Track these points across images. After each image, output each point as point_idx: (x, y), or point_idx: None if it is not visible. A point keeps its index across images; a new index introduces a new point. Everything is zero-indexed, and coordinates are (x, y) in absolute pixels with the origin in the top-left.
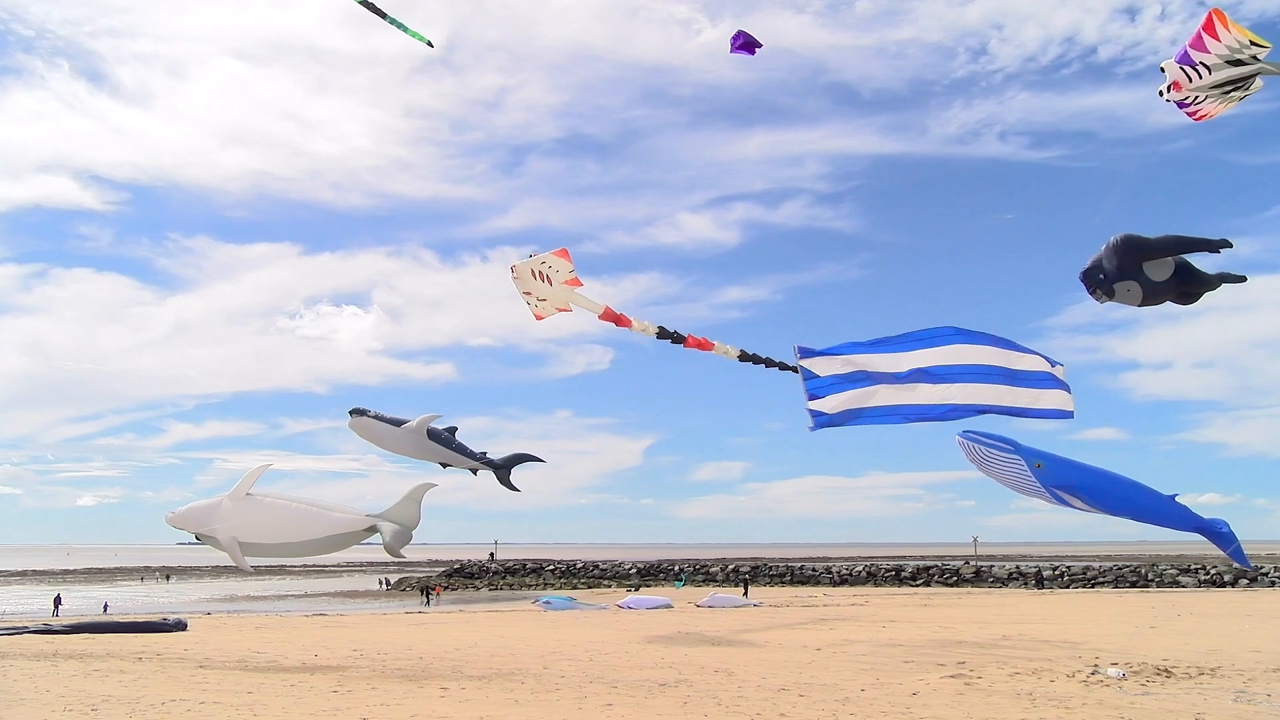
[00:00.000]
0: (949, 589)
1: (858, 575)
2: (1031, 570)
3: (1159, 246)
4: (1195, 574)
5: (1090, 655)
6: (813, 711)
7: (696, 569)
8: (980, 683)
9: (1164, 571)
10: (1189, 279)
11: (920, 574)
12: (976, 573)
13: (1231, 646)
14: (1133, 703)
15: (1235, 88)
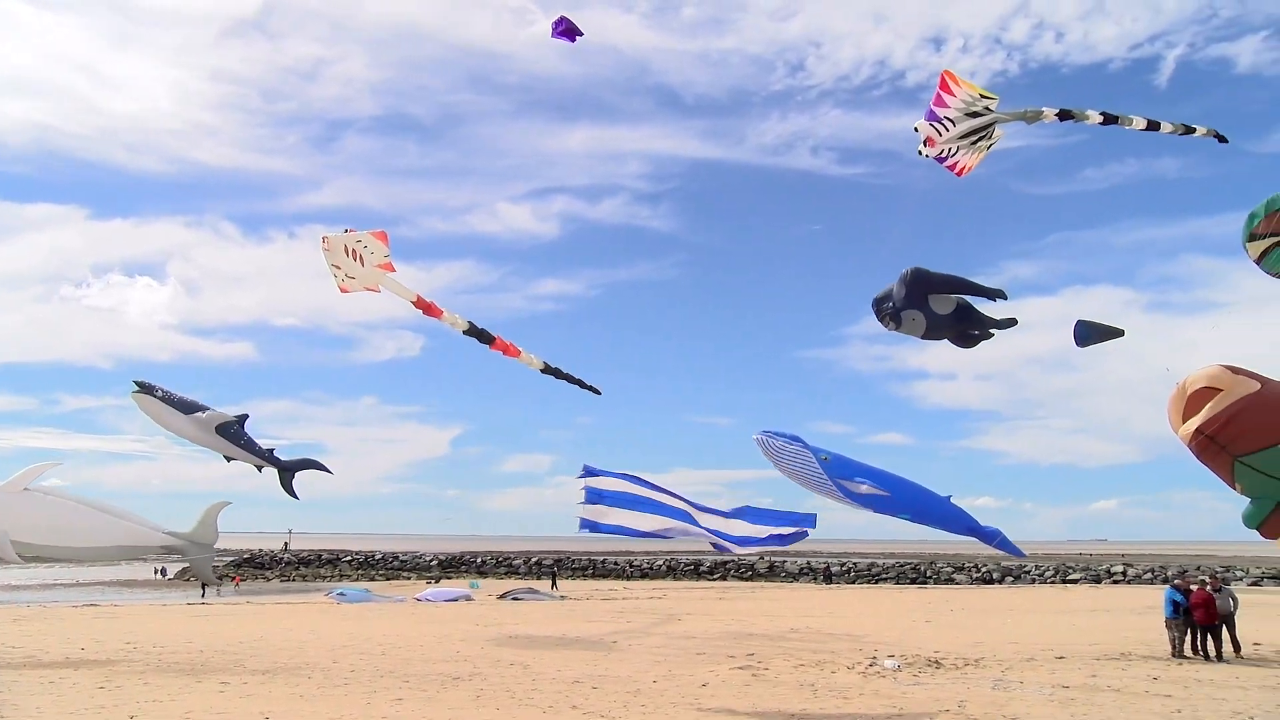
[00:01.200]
0: (744, 583)
1: (658, 569)
2: (821, 566)
3: (944, 283)
4: (968, 572)
5: (870, 648)
6: (604, 703)
7: (499, 561)
8: (767, 674)
9: (941, 569)
10: (968, 319)
11: (718, 568)
12: (770, 568)
13: (994, 639)
14: (905, 693)
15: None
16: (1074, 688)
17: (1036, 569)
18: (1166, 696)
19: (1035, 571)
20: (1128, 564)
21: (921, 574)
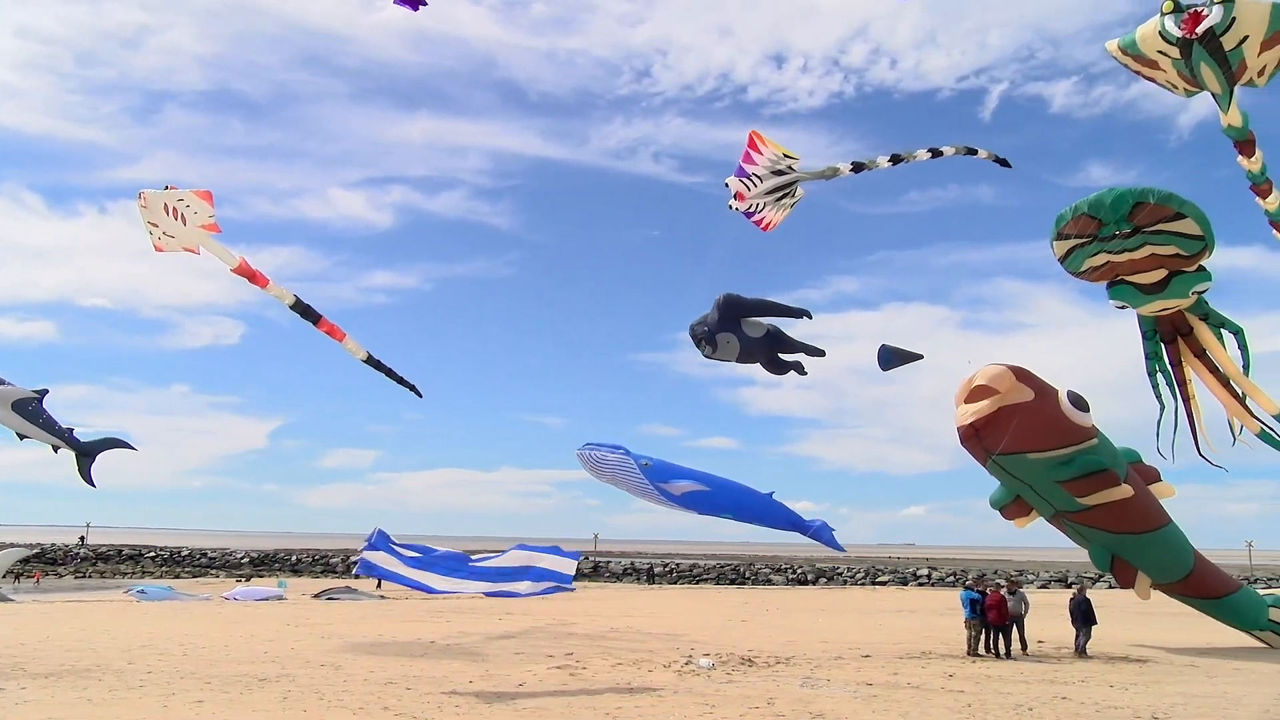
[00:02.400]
0: None
1: None
2: (645, 567)
3: (755, 307)
4: (785, 573)
5: (687, 647)
6: (418, 704)
7: (316, 559)
8: (585, 673)
9: (759, 571)
10: (779, 343)
11: None
12: (595, 567)
13: (806, 638)
14: (718, 690)
15: (784, 195)
16: (877, 685)
17: (849, 571)
18: (960, 692)
19: (847, 573)
20: (932, 567)
21: (741, 575)
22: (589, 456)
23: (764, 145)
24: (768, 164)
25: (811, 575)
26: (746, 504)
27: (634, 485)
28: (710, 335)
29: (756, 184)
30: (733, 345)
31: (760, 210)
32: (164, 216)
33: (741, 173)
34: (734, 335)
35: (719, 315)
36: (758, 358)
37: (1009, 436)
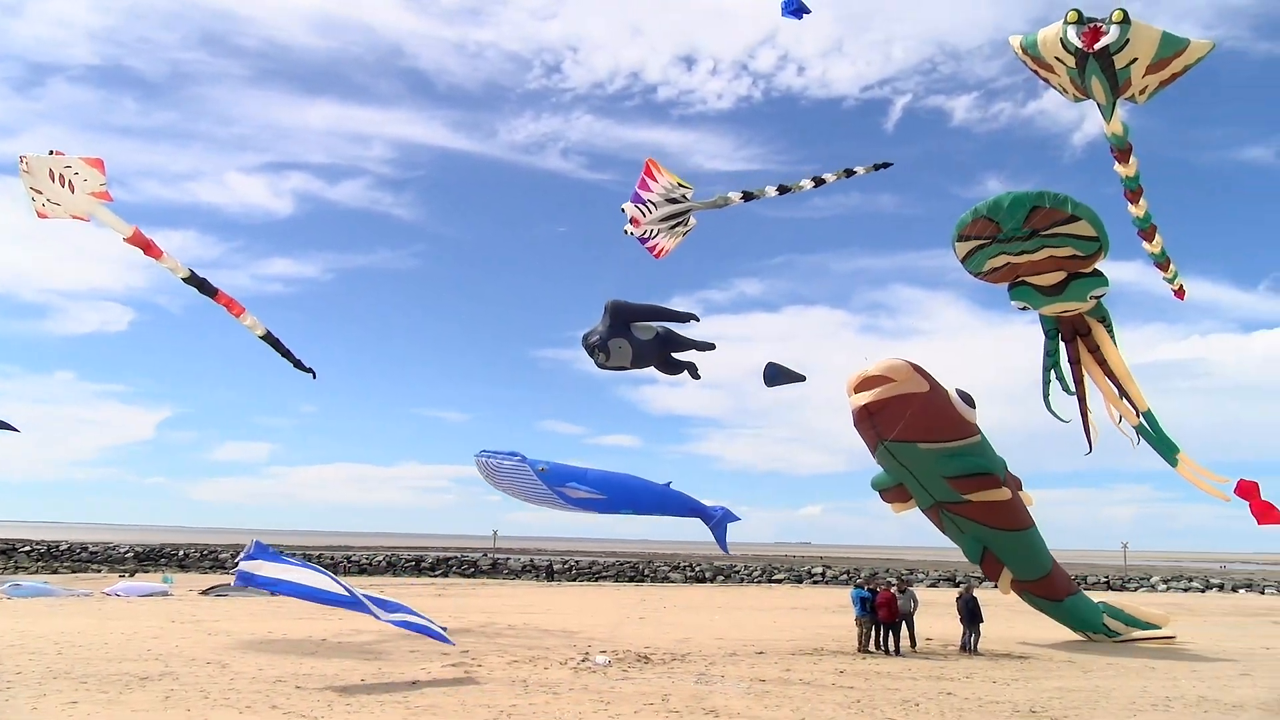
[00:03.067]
0: (466, 580)
1: (378, 565)
2: (544, 564)
3: (643, 312)
4: (683, 570)
5: (584, 644)
6: (307, 703)
7: (205, 554)
8: (480, 671)
9: (658, 568)
10: (670, 344)
11: (440, 564)
12: (494, 564)
13: (701, 635)
14: (613, 687)
15: (678, 223)
16: (769, 681)
17: (746, 569)
18: (850, 688)
19: (744, 571)
20: (826, 565)
21: (640, 572)
22: (485, 464)
23: (659, 173)
24: (662, 192)
25: (709, 573)
26: (646, 497)
27: (531, 492)
28: (602, 342)
29: (652, 210)
30: (625, 350)
31: (654, 237)
32: (49, 183)
33: (637, 199)
34: (626, 340)
35: (609, 322)
36: (651, 360)
37: (903, 424)
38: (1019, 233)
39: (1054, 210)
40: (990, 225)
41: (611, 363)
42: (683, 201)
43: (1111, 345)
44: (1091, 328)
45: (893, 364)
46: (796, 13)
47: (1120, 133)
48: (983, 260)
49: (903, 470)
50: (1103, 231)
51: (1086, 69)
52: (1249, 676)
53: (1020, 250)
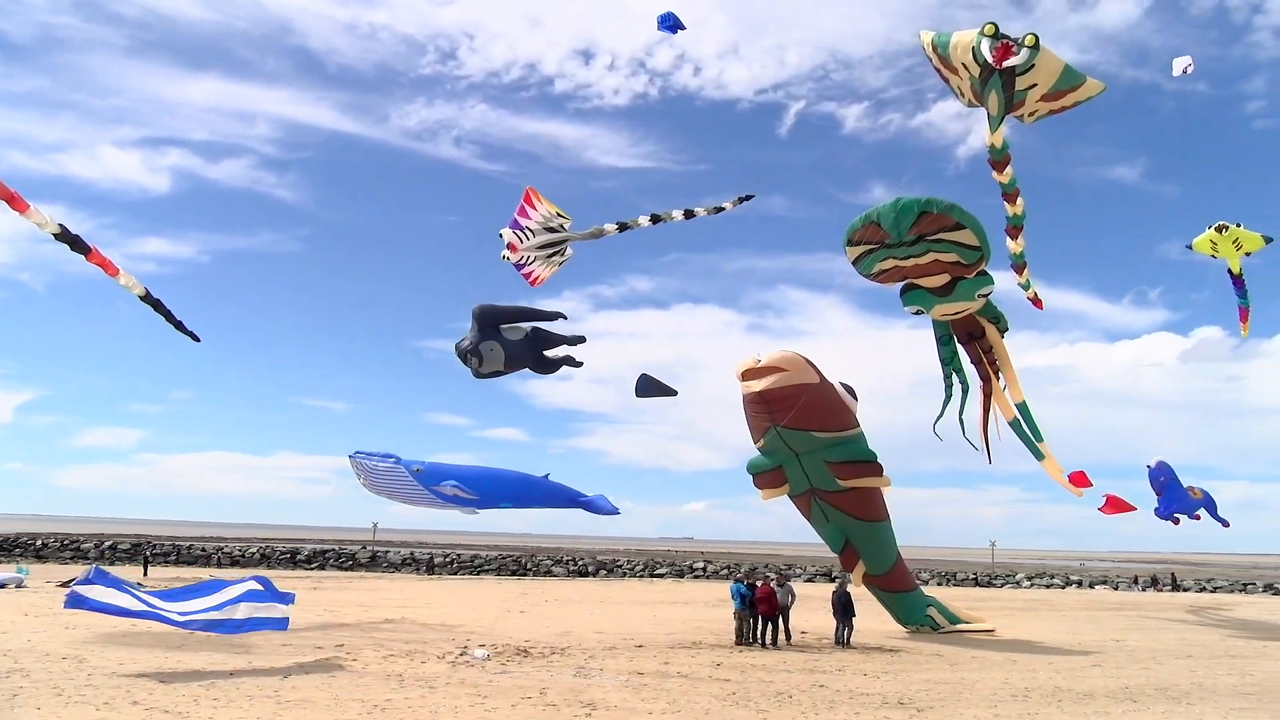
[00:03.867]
0: (344, 573)
1: (251, 557)
2: (424, 557)
3: (510, 314)
4: (566, 564)
5: (463, 638)
6: (171, 698)
7: (66, 544)
8: (355, 665)
9: (540, 562)
10: (542, 341)
11: (316, 557)
12: (372, 557)
13: (581, 629)
14: (491, 681)
15: (555, 252)
16: (647, 674)
17: (628, 563)
18: (726, 680)
19: (627, 566)
20: (708, 560)
21: (522, 566)
22: (360, 465)
23: (539, 202)
24: (541, 220)
25: (592, 567)
26: (524, 490)
27: (407, 492)
28: (474, 347)
29: (529, 237)
30: (498, 352)
31: (530, 264)
32: None
33: (516, 225)
34: (497, 342)
35: (478, 326)
36: (525, 361)
37: (797, 412)
38: (906, 238)
39: (941, 216)
40: (879, 231)
41: (486, 367)
42: (560, 231)
43: (1002, 345)
44: (985, 329)
45: (785, 355)
46: (672, 28)
47: (1000, 145)
48: (872, 264)
49: (789, 455)
50: (985, 241)
51: (989, 82)
52: (1100, 668)
53: (907, 255)
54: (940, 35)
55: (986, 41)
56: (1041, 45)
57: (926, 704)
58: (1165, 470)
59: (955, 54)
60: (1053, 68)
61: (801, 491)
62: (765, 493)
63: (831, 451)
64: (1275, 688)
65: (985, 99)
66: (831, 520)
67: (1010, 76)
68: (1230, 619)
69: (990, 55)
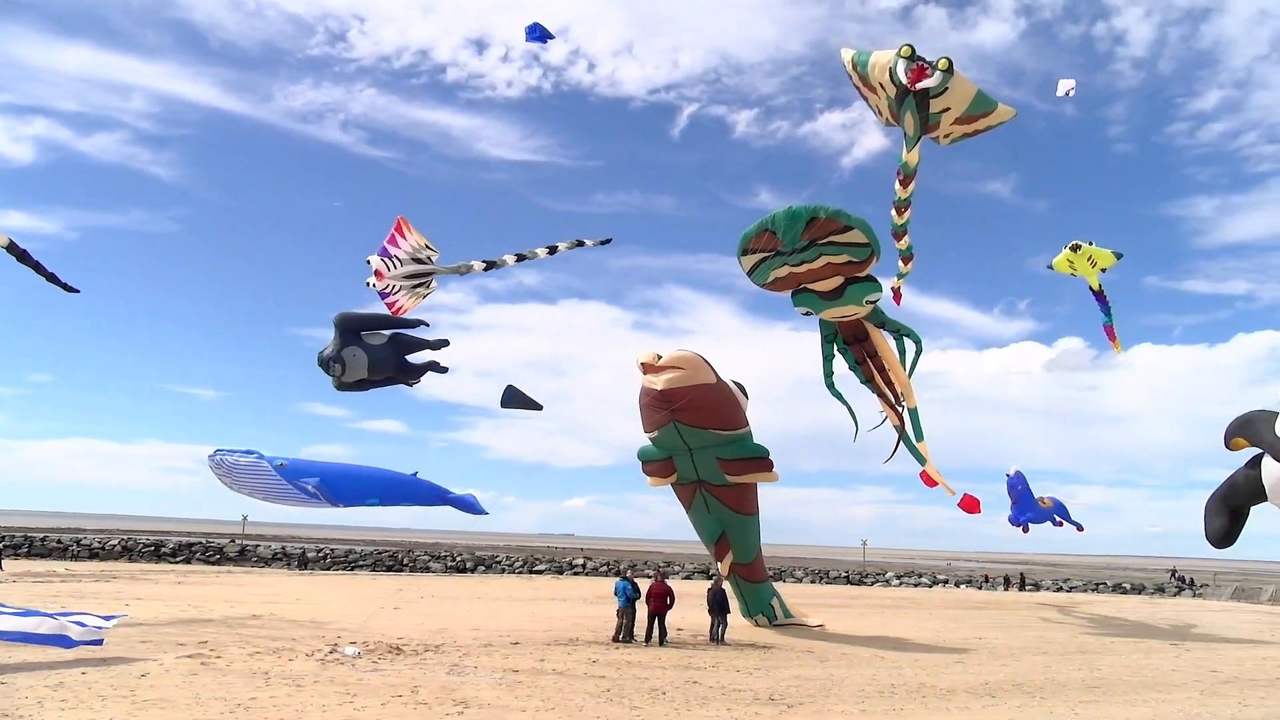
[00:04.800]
0: (211, 567)
1: (112, 549)
2: (296, 552)
3: (372, 321)
4: (444, 560)
5: (334, 634)
6: (13, 700)
7: None
8: (218, 662)
9: (418, 557)
10: (405, 347)
11: (183, 550)
12: (242, 551)
13: (458, 625)
14: (361, 679)
15: (420, 284)
16: (523, 671)
17: (508, 559)
18: (601, 677)
19: (506, 562)
20: (588, 557)
21: (398, 561)
22: (220, 463)
23: (409, 233)
24: (409, 251)
25: (470, 563)
26: (391, 487)
27: (270, 489)
28: (336, 354)
29: (397, 266)
30: (360, 358)
31: (395, 293)
32: None
33: (384, 253)
34: (359, 348)
35: (339, 333)
36: (388, 368)
37: (694, 411)
38: (799, 244)
39: (830, 220)
40: (773, 238)
41: (349, 376)
42: (428, 264)
43: (887, 347)
44: (870, 332)
45: (685, 355)
46: (541, 39)
47: (914, 164)
48: (767, 272)
49: (682, 449)
50: (874, 239)
51: (905, 102)
52: (962, 664)
53: (800, 261)
54: (860, 54)
55: (902, 63)
56: (955, 70)
57: (796, 699)
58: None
59: (874, 73)
60: (965, 93)
61: (688, 481)
62: (652, 480)
63: (725, 449)
64: (1120, 681)
65: (902, 119)
66: (713, 512)
67: (925, 99)
68: (1083, 617)
69: (905, 76)
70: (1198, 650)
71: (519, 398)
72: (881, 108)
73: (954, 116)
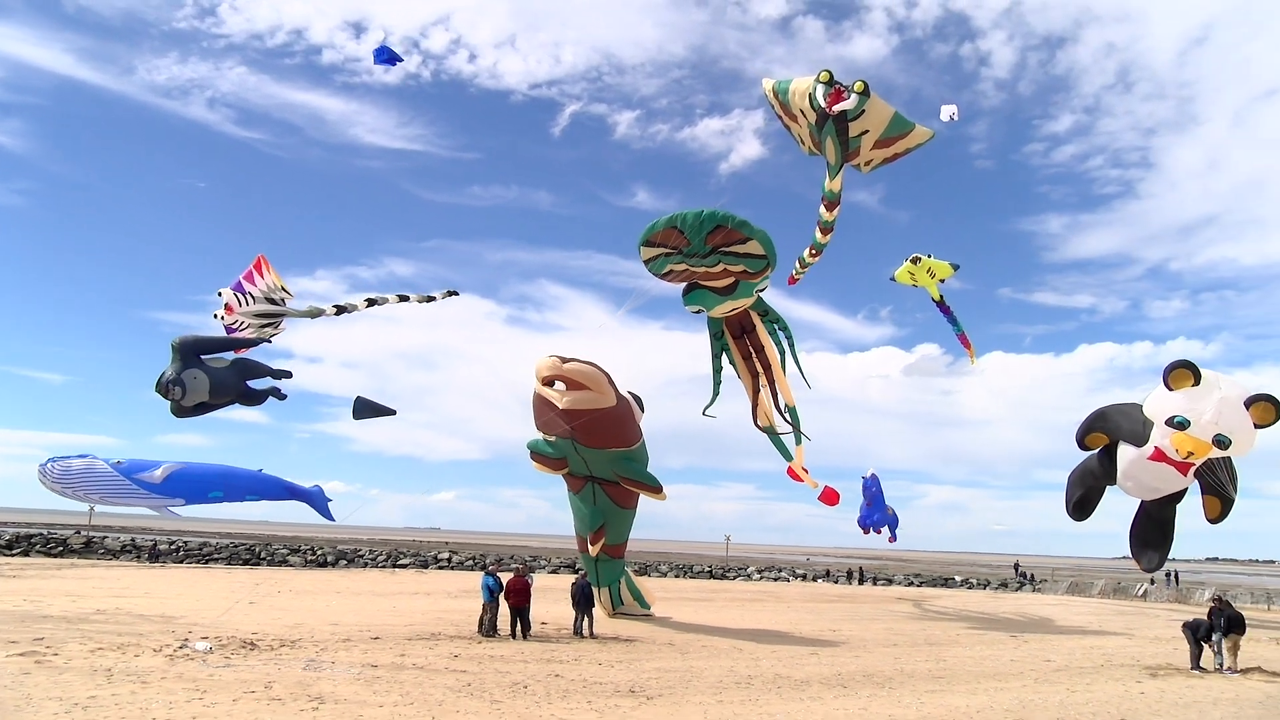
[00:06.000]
0: (52, 560)
1: None
2: (148, 544)
3: (213, 344)
4: (303, 554)
5: (184, 629)
6: None
7: None
8: (56, 660)
9: (276, 550)
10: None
11: (20, 541)
12: (87, 543)
13: (316, 620)
14: (212, 675)
15: (268, 324)
16: (382, 666)
17: (370, 553)
18: (462, 672)
19: (369, 555)
20: (453, 551)
21: (256, 555)
22: (52, 470)
23: (267, 271)
24: (264, 290)
25: (331, 557)
26: (233, 483)
27: (109, 490)
28: (177, 378)
29: (249, 303)
30: (202, 381)
31: (243, 329)
32: None
33: (239, 288)
34: (201, 371)
35: (180, 356)
36: (230, 392)
37: (592, 433)
38: (702, 249)
39: (733, 231)
40: (679, 237)
41: (189, 399)
42: (280, 305)
43: (770, 342)
44: (755, 324)
45: (590, 374)
46: (390, 61)
47: (837, 190)
48: (665, 265)
49: (576, 456)
50: (772, 252)
51: (824, 128)
52: (817, 656)
53: (700, 263)
54: (781, 83)
55: (820, 88)
56: (871, 93)
57: (656, 691)
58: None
59: (794, 100)
60: (882, 115)
61: (580, 475)
62: (540, 467)
63: (620, 465)
64: (963, 671)
65: (823, 146)
66: (599, 504)
67: (843, 122)
68: (932, 610)
69: (824, 101)
70: (1034, 641)
71: (369, 407)
72: (803, 136)
73: (873, 139)
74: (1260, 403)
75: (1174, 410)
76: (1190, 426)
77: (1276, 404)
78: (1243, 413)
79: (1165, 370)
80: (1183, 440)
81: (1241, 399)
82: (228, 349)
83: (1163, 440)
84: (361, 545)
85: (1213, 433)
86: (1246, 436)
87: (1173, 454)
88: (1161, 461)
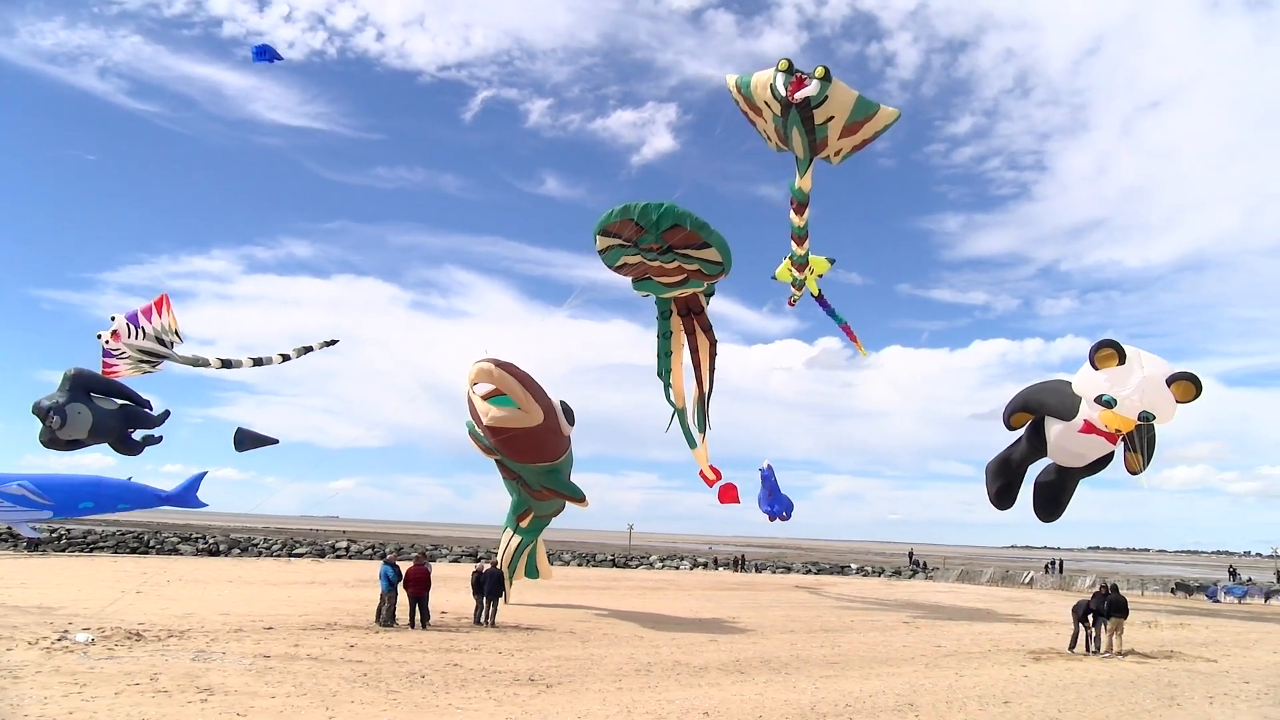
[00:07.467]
0: None
1: None
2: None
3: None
4: (195, 542)
5: (64, 621)
6: None
7: None
8: None
9: (166, 539)
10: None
11: None
12: None
13: (207, 610)
14: (93, 667)
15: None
16: (275, 657)
17: (265, 542)
18: (358, 662)
19: (263, 544)
20: (351, 540)
21: (144, 544)
22: None
23: (165, 313)
24: (156, 330)
25: (224, 545)
26: (101, 492)
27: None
28: (60, 407)
29: (139, 337)
30: (85, 416)
31: (120, 358)
32: None
33: (134, 319)
34: (86, 407)
35: (69, 387)
36: (110, 435)
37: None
38: (658, 243)
39: (692, 234)
40: (637, 229)
41: (68, 432)
42: (166, 349)
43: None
44: (703, 307)
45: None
46: (270, 60)
47: (807, 189)
48: (618, 256)
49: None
50: (728, 258)
51: (789, 118)
52: (716, 643)
53: (655, 259)
54: (743, 77)
55: (781, 76)
56: (833, 77)
57: (556, 679)
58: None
59: (757, 93)
60: (846, 99)
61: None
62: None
63: (546, 478)
64: (857, 657)
65: (789, 139)
66: (522, 497)
67: (807, 110)
68: (829, 597)
69: (785, 90)
70: (926, 627)
71: (251, 438)
72: (769, 132)
73: (839, 126)
74: (1180, 381)
75: (1101, 389)
76: (1117, 405)
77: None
78: (1165, 390)
79: (1091, 349)
80: (1110, 418)
81: (1164, 377)
82: (120, 396)
83: (1092, 414)
84: (256, 534)
85: (1138, 410)
86: (1168, 412)
87: (1101, 427)
88: (1091, 433)
